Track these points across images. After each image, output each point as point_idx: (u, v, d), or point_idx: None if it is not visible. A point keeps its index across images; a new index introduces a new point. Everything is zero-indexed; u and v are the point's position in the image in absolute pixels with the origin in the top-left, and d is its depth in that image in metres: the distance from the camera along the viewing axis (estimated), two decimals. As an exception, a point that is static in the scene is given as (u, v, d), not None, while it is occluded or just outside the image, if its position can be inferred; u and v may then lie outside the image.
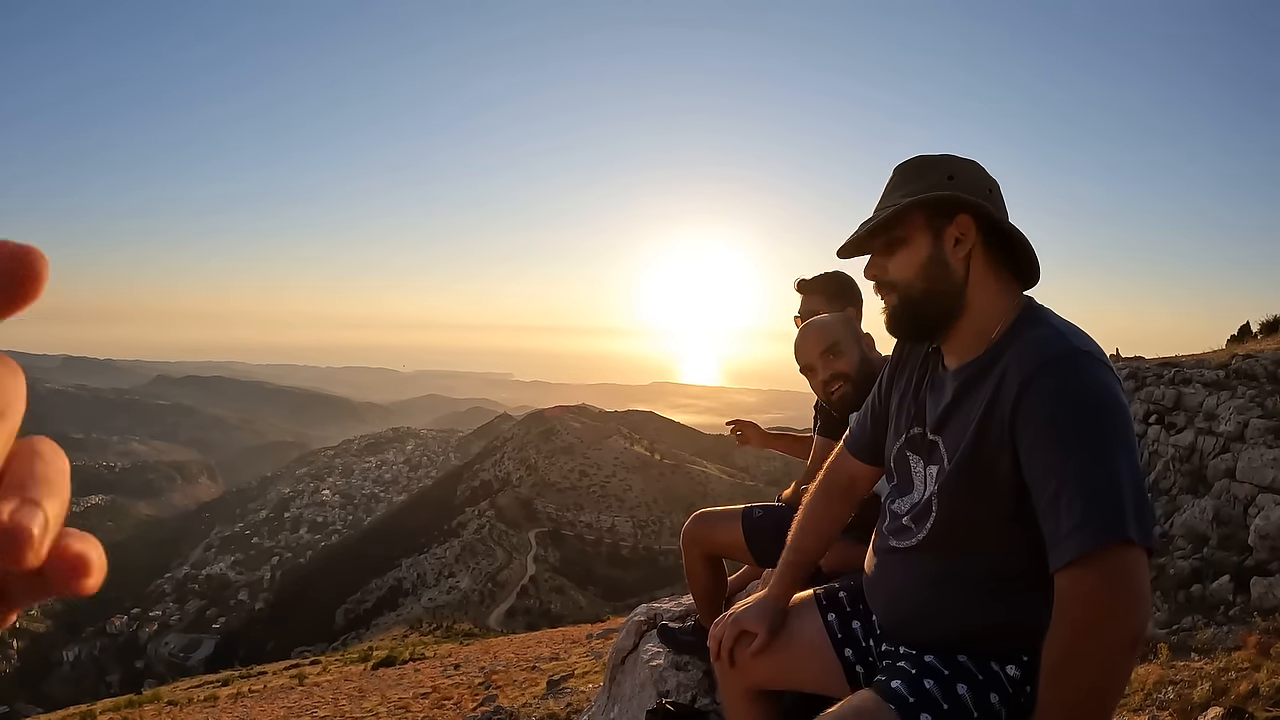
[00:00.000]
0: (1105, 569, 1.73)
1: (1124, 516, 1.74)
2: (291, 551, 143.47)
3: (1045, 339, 1.93)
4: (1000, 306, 2.06)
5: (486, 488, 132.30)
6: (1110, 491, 1.76)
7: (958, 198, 2.04)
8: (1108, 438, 1.80)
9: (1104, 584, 1.73)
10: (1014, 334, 2.01)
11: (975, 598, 2.05)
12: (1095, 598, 1.73)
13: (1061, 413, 1.83)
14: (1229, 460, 10.48)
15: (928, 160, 2.12)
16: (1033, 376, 1.86)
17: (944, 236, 2.06)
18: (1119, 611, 1.72)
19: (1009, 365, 1.93)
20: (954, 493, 2.03)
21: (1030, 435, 1.86)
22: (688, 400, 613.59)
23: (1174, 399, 12.34)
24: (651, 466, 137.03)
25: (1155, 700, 4.92)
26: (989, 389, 1.97)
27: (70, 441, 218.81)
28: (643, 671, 4.31)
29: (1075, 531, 1.75)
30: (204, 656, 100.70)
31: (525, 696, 10.30)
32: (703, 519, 4.07)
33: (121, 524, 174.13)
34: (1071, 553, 1.75)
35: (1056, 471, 1.80)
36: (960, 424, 2.04)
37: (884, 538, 2.29)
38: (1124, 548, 1.73)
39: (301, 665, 25.01)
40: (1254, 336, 17.05)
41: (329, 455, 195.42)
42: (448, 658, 19.46)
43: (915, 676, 2.04)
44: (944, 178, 2.07)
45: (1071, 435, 1.81)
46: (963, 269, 2.06)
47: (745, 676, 2.59)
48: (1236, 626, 7.35)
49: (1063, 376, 1.85)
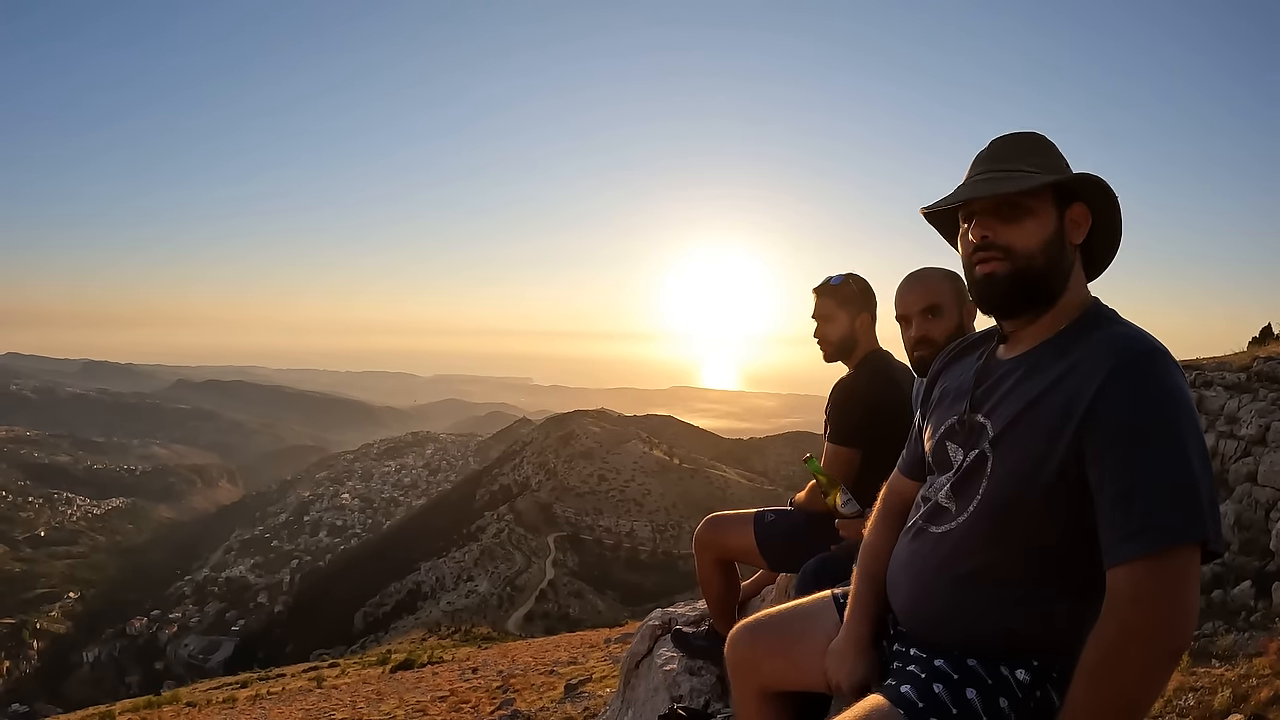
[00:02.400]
0: (1171, 571, 1.70)
1: (1201, 517, 1.72)
2: (311, 554, 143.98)
3: (1129, 336, 1.91)
4: (1080, 291, 2.08)
5: (505, 492, 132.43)
6: (1189, 491, 1.73)
7: (1102, 184, 2.05)
8: (1187, 438, 1.77)
9: (1166, 588, 1.69)
10: (1085, 327, 1.99)
11: (1002, 600, 2.01)
12: (1155, 601, 1.69)
13: (1145, 410, 1.80)
14: (1250, 464, 10.40)
15: (1043, 140, 2.13)
16: (1118, 372, 1.84)
17: (1066, 220, 2.06)
18: (1174, 619, 1.69)
19: (1084, 357, 1.91)
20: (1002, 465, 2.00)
21: (1109, 430, 1.82)
22: (707, 405, 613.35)
23: (1195, 401, 12.22)
24: (670, 471, 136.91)
25: (1175, 707, 4.88)
26: (1053, 377, 1.95)
27: (91, 445, 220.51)
28: (656, 676, 4.30)
29: (1147, 527, 1.72)
30: (223, 658, 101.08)
31: (543, 700, 10.30)
32: (715, 523, 4.05)
33: (142, 526, 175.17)
34: (1140, 549, 1.72)
35: (1133, 468, 1.77)
36: (1014, 405, 2.02)
37: (916, 524, 2.25)
38: (1192, 552, 1.71)
39: (320, 668, 25.07)
40: (1276, 339, 16.90)
41: (348, 459, 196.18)
42: (466, 661, 19.48)
43: (925, 681, 2.01)
44: (1066, 164, 2.09)
45: (1153, 433, 1.78)
46: (1073, 255, 2.07)
47: (757, 677, 2.58)
48: (1258, 632, 7.29)
49: (1148, 375, 1.82)
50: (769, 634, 2.59)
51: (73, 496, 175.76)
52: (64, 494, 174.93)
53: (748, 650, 2.61)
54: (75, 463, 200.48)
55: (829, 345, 3.92)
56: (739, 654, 2.63)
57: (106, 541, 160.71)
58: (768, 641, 2.58)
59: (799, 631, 2.53)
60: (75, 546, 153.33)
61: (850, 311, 3.84)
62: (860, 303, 3.87)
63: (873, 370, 3.83)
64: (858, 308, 3.86)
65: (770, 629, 2.60)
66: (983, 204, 2.07)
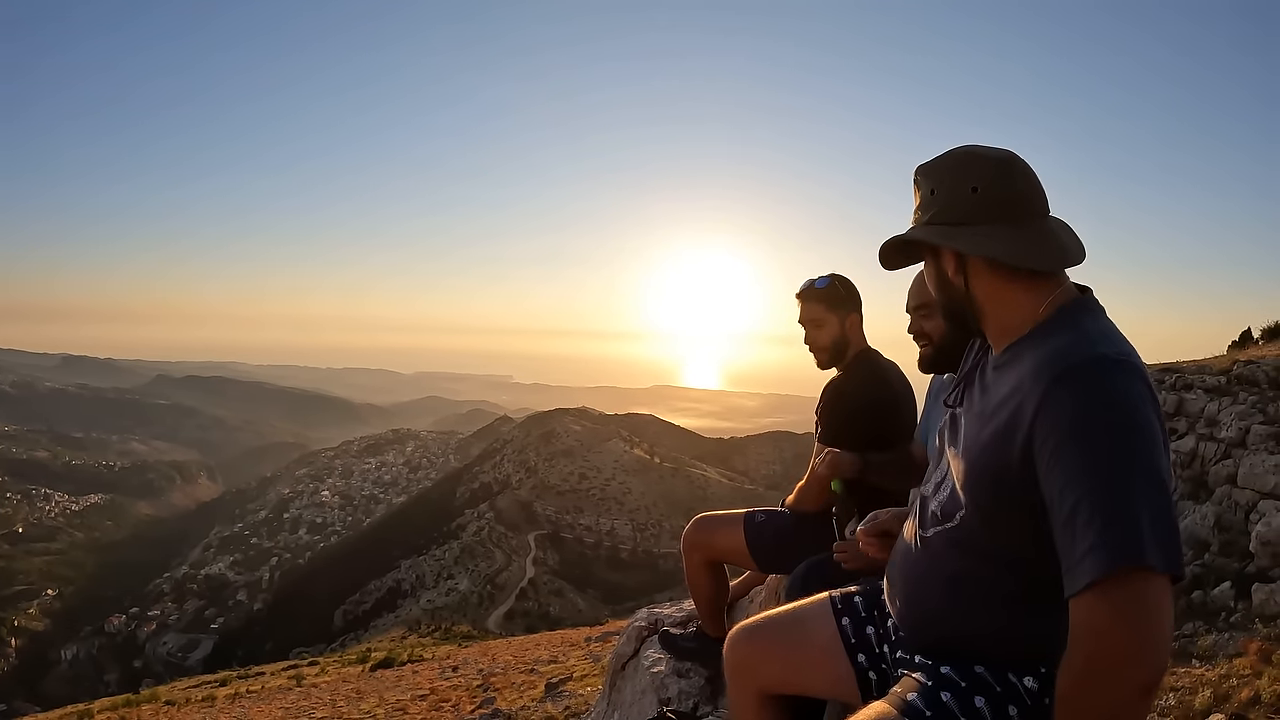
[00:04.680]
0: (1121, 600, 1.58)
1: (1141, 540, 1.58)
2: (290, 552, 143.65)
3: (1068, 345, 1.81)
4: (1020, 302, 1.97)
5: (486, 490, 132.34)
6: (1127, 513, 1.60)
7: (906, 242, 2.09)
8: (1129, 455, 1.65)
9: (1120, 618, 1.57)
10: (1039, 335, 1.91)
11: (997, 603, 1.98)
12: (1111, 634, 1.58)
13: (1080, 426, 1.69)
14: (1230, 466, 10.46)
15: (923, 171, 2.08)
16: (1053, 385, 1.74)
17: (940, 255, 2.05)
18: (1135, 652, 1.56)
19: (1029, 370, 1.83)
20: (974, 484, 1.95)
21: (1049, 448, 1.72)
22: (688, 404, 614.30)
23: (1175, 405, 12.32)
24: (651, 470, 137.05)
25: (1156, 708, 4.89)
26: (1008, 386, 1.90)
27: (70, 440, 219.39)
28: (644, 678, 4.29)
29: (1089, 555, 1.60)
30: (202, 656, 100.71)
31: (523, 699, 10.28)
32: (703, 524, 4.04)
33: (121, 523, 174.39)
34: (1085, 578, 1.60)
35: (1073, 489, 1.66)
36: (982, 414, 1.99)
37: (913, 525, 2.23)
38: (1142, 575, 1.58)
39: (300, 666, 24.97)
40: (1255, 342, 17.00)
41: (329, 456, 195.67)
42: (446, 660, 19.42)
43: (931, 689, 1.99)
44: (929, 193, 2.04)
45: (1090, 451, 1.67)
46: (960, 281, 2.03)
47: (755, 680, 2.57)
48: (1238, 633, 7.32)
49: (1084, 387, 1.72)
50: (767, 637, 2.57)
51: (51, 492, 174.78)
52: (42, 490, 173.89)
53: (746, 653, 2.59)
54: (54, 458, 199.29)
55: (822, 351, 3.85)
56: (737, 656, 2.61)
57: (85, 538, 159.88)
58: (766, 645, 2.56)
59: (797, 636, 2.51)
60: (53, 543, 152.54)
61: (840, 314, 3.79)
62: (849, 303, 3.82)
63: (864, 370, 3.80)
64: (847, 309, 3.80)
65: (769, 632, 2.58)
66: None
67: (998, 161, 1.99)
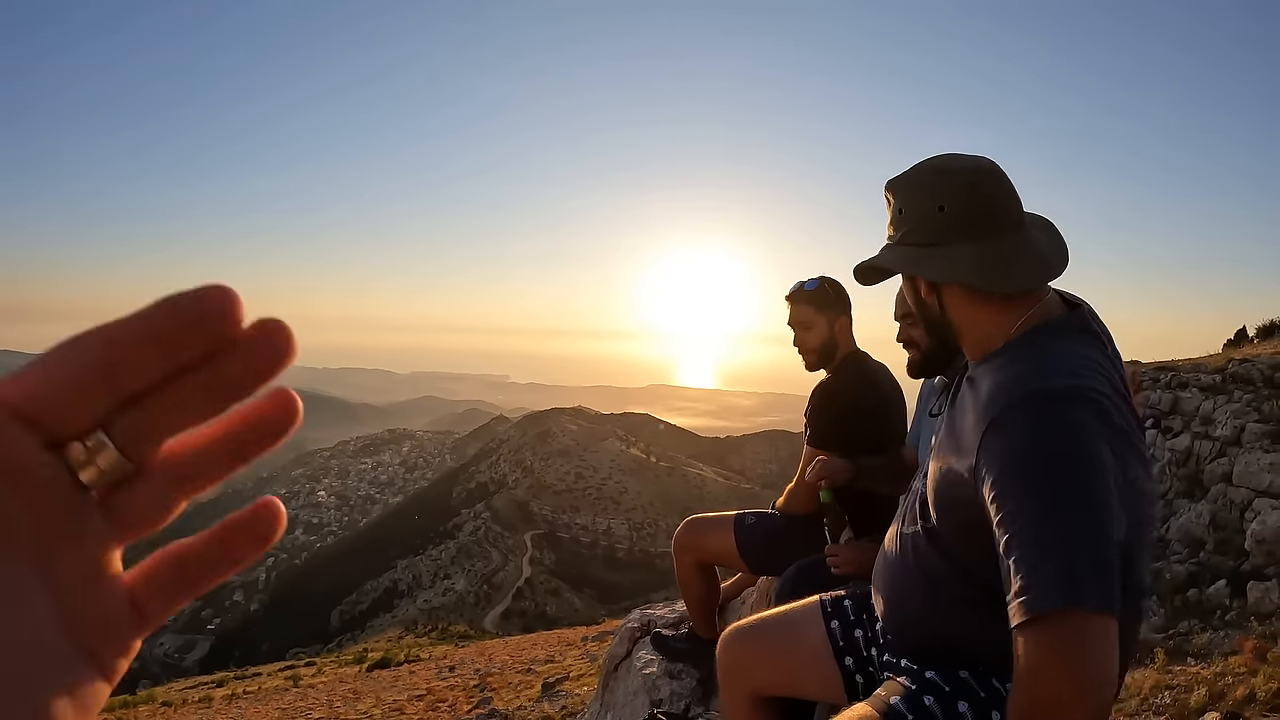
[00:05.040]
0: (1055, 639, 1.55)
1: (1072, 580, 1.55)
2: (287, 553, 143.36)
3: (1020, 375, 1.78)
4: (994, 320, 1.95)
5: (482, 490, 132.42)
6: (1058, 551, 1.58)
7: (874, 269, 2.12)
8: (1063, 491, 1.62)
9: (1055, 657, 1.54)
10: (1003, 357, 1.89)
11: (973, 608, 1.96)
12: (1047, 674, 1.54)
13: (1017, 462, 1.68)
14: (1225, 465, 10.46)
15: (892, 186, 2.07)
16: (994, 422, 1.73)
17: (915, 277, 2.06)
18: (1074, 693, 1.52)
19: (985, 397, 1.81)
20: (937, 499, 1.97)
21: (989, 480, 1.71)
22: (684, 403, 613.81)
23: (1170, 403, 12.32)
24: (647, 469, 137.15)
25: (1152, 705, 4.90)
26: (970, 408, 1.89)
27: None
28: (636, 679, 4.28)
29: (1022, 593, 1.58)
30: (199, 657, 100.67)
31: (520, 699, 10.27)
32: (694, 526, 4.03)
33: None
34: (1018, 617, 1.58)
35: (1008, 525, 1.65)
36: (951, 430, 1.99)
37: (896, 526, 2.24)
38: (1074, 615, 1.54)
39: (296, 666, 24.95)
40: (1251, 341, 17.02)
41: (325, 456, 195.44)
42: (443, 660, 19.41)
43: (915, 692, 1.99)
44: (897, 212, 2.04)
45: (1022, 488, 1.65)
46: (934, 301, 2.03)
47: (747, 682, 2.58)
48: (1233, 631, 7.33)
49: (1022, 424, 1.70)
50: (759, 639, 2.59)
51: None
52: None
53: (738, 655, 2.61)
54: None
55: (811, 353, 3.83)
56: (729, 658, 2.63)
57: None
58: (758, 647, 2.58)
59: (788, 638, 2.53)
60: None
61: (829, 316, 3.78)
62: (838, 305, 3.81)
63: (852, 372, 3.78)
64: (836, 311, 3.79)
65: (761, 634, 2.60)
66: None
67: (966, 175, 1.96)
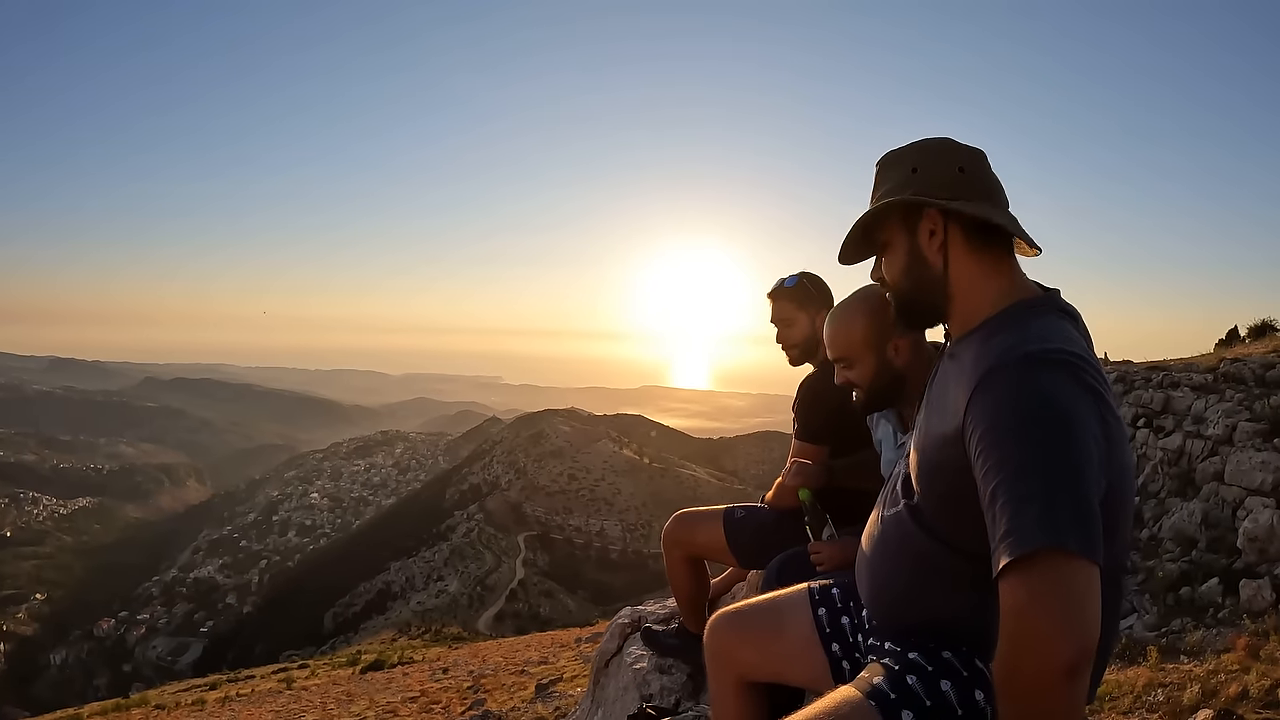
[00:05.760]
0: (1035, 579, 1.59)
1: (1054, 522, 1.59)
2: (280, 555, 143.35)
3: (1005, 343, 1.84)
4: (987, 289, 2.02)
5: (475, 491, 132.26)
6: (1042, 496, 1.62)
7: (905, 201, 2.04)
8: (1047, 444, 1.67)
9: (1035, 597, 1.58)
10: (987, 330, 1.95)
11: (957, 588, 1.99)
12: (1028, 614, 1.58)
13: (1002, 418, 1.73)
14: (1217, 463, 10.48)
15: (895, 155, 2.12)
16: (983, 383, 1.78)
17: (919, 232, 2.06)
18: (1053, 631, 1.56)
19: (969, 364, 1.87)
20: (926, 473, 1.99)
21: (975, 440, 1.76)
22: (677, 404, 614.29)
23: (1162, 402, 12.35)
24: (640, 470, 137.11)
25: (1145, 703, 4.89)
26: (954, 379, 1.93)
27: (58, 444, 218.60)
28: (626, 675, 4.28)
29: (1005, 538, 1.62)
30: (192, 660, 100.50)
31: (514, 700, 10.27)
32: (683, 520, 4.02)
33: (109, 527, 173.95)
34: (1003, 558, 1.62)
35: (992, 476, 1.70)
36: (933, 404, 2.04)
37: (879, 508, 2.26)
38: (1056, 556, 1.58)
39: (290, 669, 24.94)
40: (1242, 340, 17.07)
41: (317, 458, 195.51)
42: (436, 661, 19.41)
43: (898, 673, 1.99)
44: (908, 171, 2.06)
45: (1009, 440, 1.70)
46: (940, 259, 2.04)
47: (734, 667, 2.59)
48: (1226, 629, 7.34)
49: (1010, 381, 1.75)
50: (746, 625, 2.60)
51: (39, 496, 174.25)
52: (30, 493, 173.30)
53: (725, 640, 2.62)
54: (41, 461, 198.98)
55: (794, 349, 3.89)
56: (717, 643, 2.65)
57: (73, 542, 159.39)
58: (745, 632, 2.59)
59: (775, 624, 2.54)
60: (41, 547, 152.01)
61: (810, 312, 3.81)
62: (819, 301, 3.83)
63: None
64: (817, 306, 3.81)
65: (748, 620, 2.61)
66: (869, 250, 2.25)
67: (976, 151, 2.08)
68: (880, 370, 2.95)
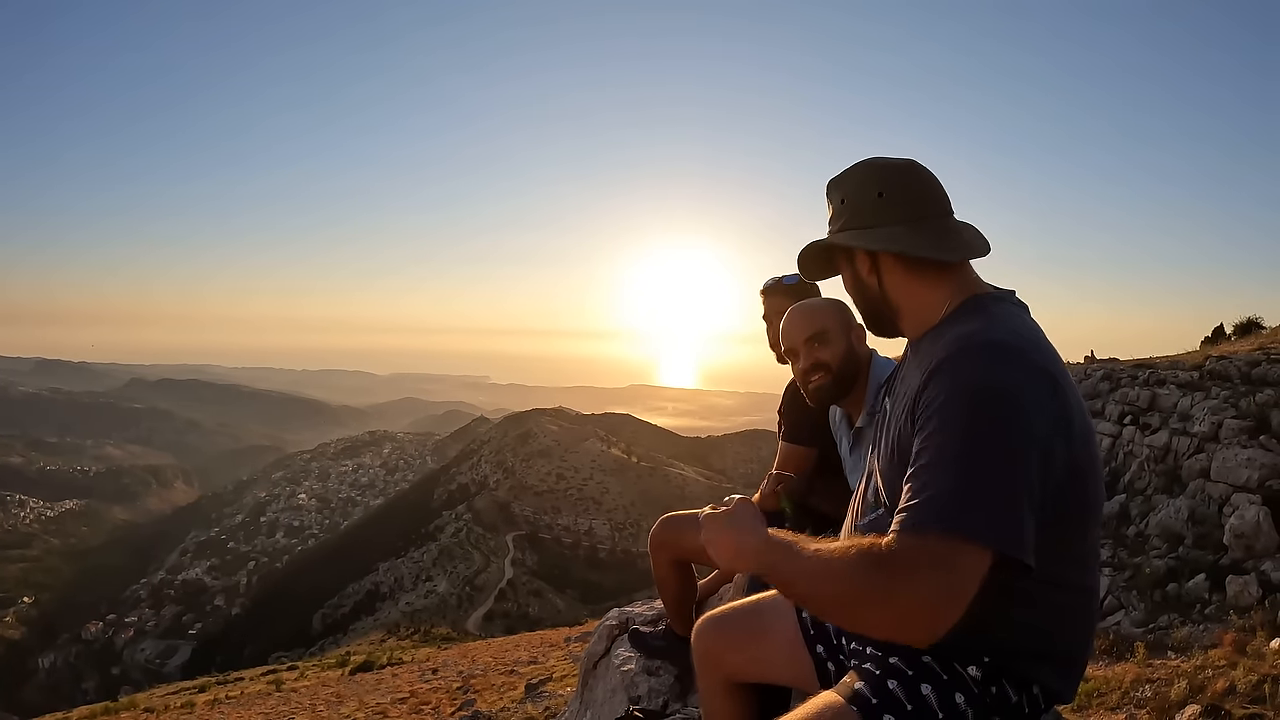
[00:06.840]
0: (914, 554, 1.65)
1: (957, 508, 1.66)
2: (268, 556, 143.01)
3: (958, 334, 1.90)
4: (931, 298, 2.08)
5: (464, 491, 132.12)
6: (958, 481, 1.68)
7: (825, 251, 2.25)
8: (985, 428, 1.72)
9: (905, 568, 1.65)
10: (944, 325, 2.02)
11: None
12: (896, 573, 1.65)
13: (948, 399, 1.77)
14: (1203, 460, 10.52)
15: (834, 182, 2.21)
16: (937, 365, 1.84)
17: (854, 262, 2.18)
18: (911, 599, 1.64)
19: (925, 357, 1.94)
20: (888, 478, 2.04)
21: (922, 419, 1.82)
22: (665, 403, 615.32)
23: (1149, 400, 12.40)
24: (629, 469, 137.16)
25: (1133, 699, 4.91)
26: (914, 375, 1.98)
27: (44, 446, 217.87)
28: (614, 676, 4.27)
29: (905, 509, 1.71)
30: (180, 663, 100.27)
31: (503, 700, 10.27)
32: (670, 523, 4.01)
33: (96, 529, 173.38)
34: (894, 528, 1.70)
35: (920, 454, 1.76)
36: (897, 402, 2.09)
37: (851, 517, 2.31)
38: (948, 543, 1.64)
39: (279, 671, 24.94)
40: (1227, 338, 17.18)
41: (305, 459, 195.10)
42: (426, 662, 19.42)
43: (879, 677, 2.00)
44: (839, 202, 2.17)
45: (946, 420, 1.75)
46: (874, 281, 2.15)
47: (721, 669, 2.61)
48: (1212, 625, 7.38)
49: (963, 365, 1.80)
50: (733, 627, 2.62)
51: (25, 498, 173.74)
52: (16, 496, 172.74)
53: (712, 642, 2.64)
54: (28, 464, 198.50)
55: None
56: (704, 645, 2.66)
57: (60, 544, 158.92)
58: (731, 634, 2.61)
59: (760, 626, 2.56)
60: (29, 550, 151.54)
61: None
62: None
63: None
64: None
65: (734, 622, 2.63)
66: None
67: (899, 167, 2.14)
68: (848, 353, 3.19)
